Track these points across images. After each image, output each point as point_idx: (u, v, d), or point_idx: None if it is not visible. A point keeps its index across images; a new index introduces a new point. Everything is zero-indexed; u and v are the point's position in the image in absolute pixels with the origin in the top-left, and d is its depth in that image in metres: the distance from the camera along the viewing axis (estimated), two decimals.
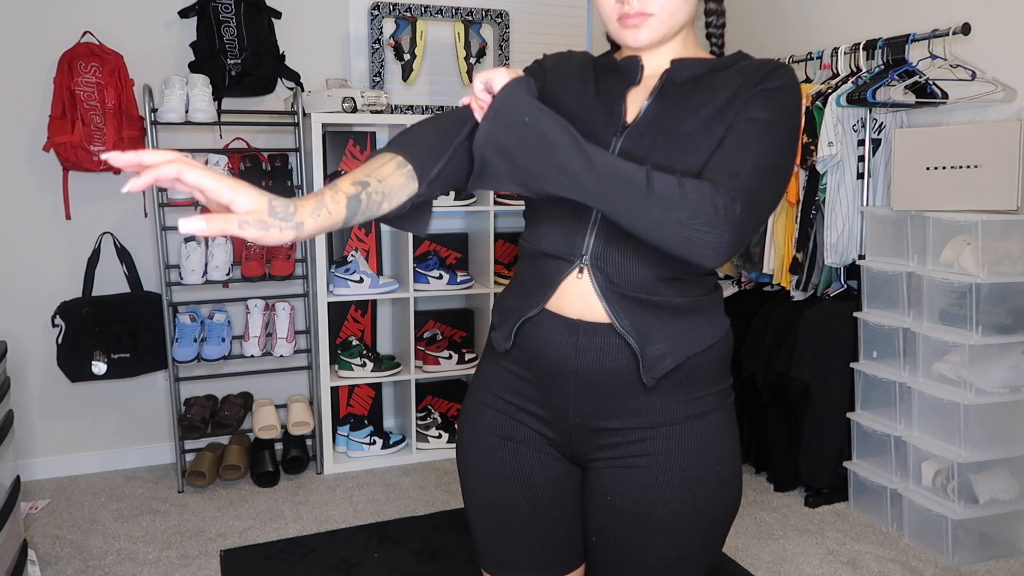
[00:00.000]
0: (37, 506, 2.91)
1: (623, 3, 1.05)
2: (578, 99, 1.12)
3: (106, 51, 2.93)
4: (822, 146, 2.78)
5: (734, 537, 2.68)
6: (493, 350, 1.18)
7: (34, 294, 3.08)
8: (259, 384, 3.40)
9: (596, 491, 1.12)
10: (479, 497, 1.19)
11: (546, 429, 1.14)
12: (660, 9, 1.05)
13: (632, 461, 1.09)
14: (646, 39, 1.07)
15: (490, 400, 1.18)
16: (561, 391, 1.10)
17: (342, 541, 2.65)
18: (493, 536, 1.19)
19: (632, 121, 1.09)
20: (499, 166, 0.98)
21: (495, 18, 3.55)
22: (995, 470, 2.52)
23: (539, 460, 1.15)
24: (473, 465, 1.19)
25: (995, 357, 2.47)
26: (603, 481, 1.11)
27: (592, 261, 1.05)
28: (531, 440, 1.15)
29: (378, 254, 3.47)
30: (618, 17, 1.07)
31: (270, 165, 3.13)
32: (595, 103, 1.11)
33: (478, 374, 1.22)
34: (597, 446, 1.11)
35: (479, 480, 1.18)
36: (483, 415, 1.18)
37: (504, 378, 1.16)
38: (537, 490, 1.15)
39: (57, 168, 3.03)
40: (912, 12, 2.92)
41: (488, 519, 1.19)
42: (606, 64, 1.16)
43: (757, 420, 3.13)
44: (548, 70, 1.17)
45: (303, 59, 3.30)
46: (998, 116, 2.61)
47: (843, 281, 2.98)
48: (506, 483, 1.16)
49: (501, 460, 1.16)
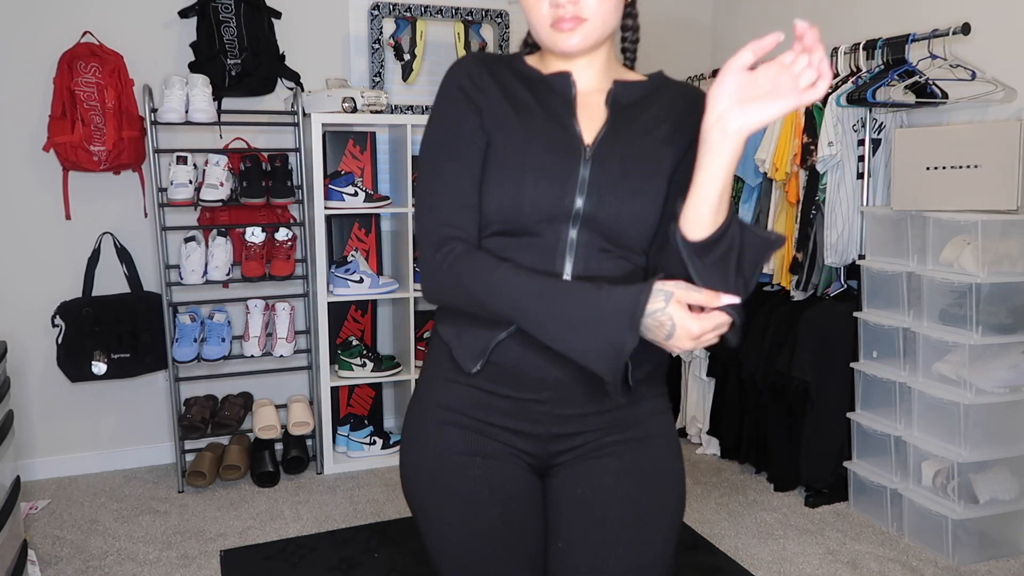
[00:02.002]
0: (37, 506, 2.91)
1: (557, 7, 1.06)
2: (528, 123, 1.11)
3: (106, 51, 2.93)
4: (822, 146, 2.78)
5: (734, 537, 2.68)
6: (449, 370, 1.14)
7: (34, 294, 3.08)
8: (259, 384, 3.40)
9: (566, 486, 1.14)
10: (447, 520, 1.14)
11: (517, 440, 1.13)
12: (592, 15, 1.07)
13: (603, 451, 1.13)
14: (579, 44, 1.09)
15: (452, 418, 1.14)
16: (538, 401, 1.11)
17: (342, 541, 2.65)
18: (463, 559, 1.15)
19: (592, 144, 1.10)
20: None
21: (495, 18, 3.55)
22: (995, 470, 2.52)
23: (511, 472, 1.14)
24: (438, 487, 1.14)
25: (995, 357, 2.47)
26: (574, 473, 1.13)
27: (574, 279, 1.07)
28: (500, 453, 1.13)
29: (378, 254, 3.47)
30: (552, 22, 1.08)
31: (270, 165, 3.12)
32: (547, 126, 1.11)
33: (427, 393, 1.17)
34: (567, 447, 1.14)
35: (446, 501, 1.14)
36: (445, 434, 1.14)
37: (469, 396, 1.13)
38: (510, 503, 1.14)
39: (57, 168, 3.03)
40: (912, 12, 2.92)
41: (456, 541, 1.15)
42: (534, 78, 1.15)
43: (757, 420, 3.13)
44: (478, 94, 1.12)
45: (303, 59, 3.30)
46: (998, 116, 2.61)
47: (843, 281, 2.98)
48: (478, 501, 1.12)
49: (473, 477, 1.12)
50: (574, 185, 1.07)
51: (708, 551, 2.59)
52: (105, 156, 2.91)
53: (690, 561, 2.52)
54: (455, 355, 1.13)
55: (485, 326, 1.10)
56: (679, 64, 3.82)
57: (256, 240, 3.07)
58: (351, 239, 3.42)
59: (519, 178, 1.07)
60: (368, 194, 3.17)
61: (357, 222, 3.42)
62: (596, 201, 1.07)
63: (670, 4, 3.94)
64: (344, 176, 3.14)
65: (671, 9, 3.94)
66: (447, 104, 1.12)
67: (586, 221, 1.08)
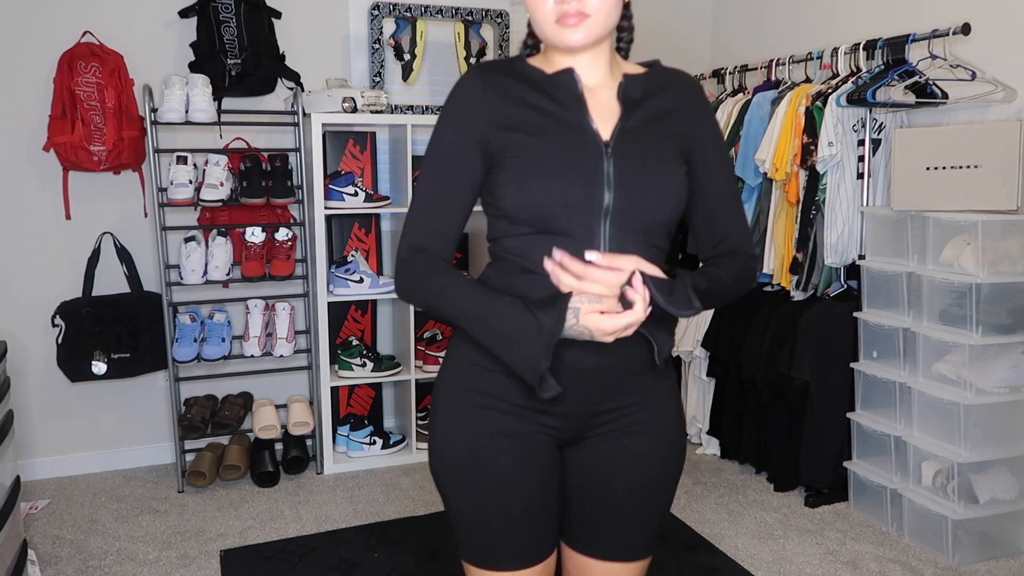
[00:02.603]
0: (37, 506, 2.91)
1: (562, 3, 1.11)
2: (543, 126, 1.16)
3: (106, 51, 2.93)
4: (822, 146, 2.78)
5: (734, 537, 2.68)
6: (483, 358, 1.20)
7: (34, 294, 3.08)
8: (259, 384, 3.40)
9: (590, 461, 1.25)
10: (483, 495, 1.21)
11: (551, 419, 1.22)
12: (595, 11, 1.12)
13: (630, 428, 1.25)
14: (583, 39, 1.13)
15: (489, 403, 1.21)
16: (575, 386, 1.19)
17: (342, 541, 2.65)
18: (496, 532, 1.23)
19: (610, 139, 1.16)
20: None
21: (495, 18, 3.55)
22: (995, 470, 2.52)
23: (542, 449, 1.23)
24: (475, 466, 1.21)
25: (995, 357, 2.47)
26: (600, 450, 1.25)
27: None
28: (534, 433, 1.22)
29: (378, 254, 3.47)
30: (557, 18, 1.12)
31: (270, 165, 3.13)
32: (562, 126, 1.16)
33: (458, 380, 1.24)
34: (596, 424, 1.24)
35: (483, 478, 1.21)
36: (485, 418, 1.21)
37: (507, 383, 1.20)
38: (540, 476, 1.23)
39: (57, 168, 3.03)
40: (912, 12, 2.92)
41: (490, 515, 1.22)
42: (539, 78, 1.19)
43: (757, 420, 3.13)
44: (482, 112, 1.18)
45: (303, 59, 3.30)
46: (998, 116, 2.61)
47: (843, 281, 2.98)
48: (512, 477, 1.21)
49: (509, 456, 1.20)
50: (601, 181, 1.13)
51: (708, 551, 2.59)
52: (105, 156, 2.91)
53: (690, 561, 2.52)
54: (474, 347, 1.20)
55: None
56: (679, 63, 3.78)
57: (256, 240, 3.07)
58: (351, 239, 3.42)
59: (547, 180, 1.13)
60: (368, 194, 3.17)
61: (357, 222, 3.42)
62: (623, 195, 1.14)
63: (670, 3, 3.94)
64: (344, 176, 3.14)
65: (671, 8, 3.95)
66: (446, 125, 1.19)
67: (616, 215, 1.14)
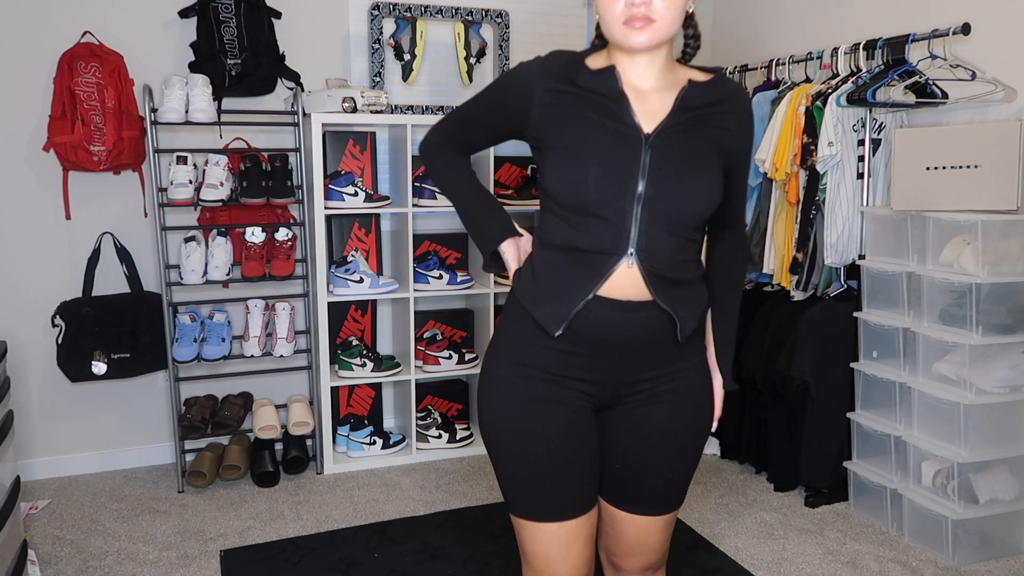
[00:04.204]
0: (37, 506, 2.91)
1: (632, 6, 1.22)
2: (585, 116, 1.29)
3: (106, 51, 2.93)
4: (822, 146, 2.78)
5: (734, 537, 2.68)
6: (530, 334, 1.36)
7: (34, 294, 3.08)
8: (259, 384, 3.40)
9: (624, 424, 1.41)
10: (532, 456, 1.36)
11: (590, 387, 1.37)
12: (660, 17, 1.23)
13: (659, 397, 1.39)
14: (646, 42, 1.25)
15: (535, 373, 1.36)
16: (609, 357, 1.35)
17: (342, 541, 2.65)
18: (542, 487, 1.37)
19: (652, 133, 1.27)
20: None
21: (495, 18, 3.55)
22: (995, 470, 2.52)
23: (582, 414, 1.38)
24: (523, 428, 1.36)
25: (995, 357, 2.47)
26: (632, 415, 1.40)
27: (638, 254, 1.28)
28: (575, 399, 1.37)
29: (378, 254, 3.47)
30: (625, 19, 1.23)
31: (270, 165, 3.12)
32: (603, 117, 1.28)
33: (507, 354, 1.40)
34: (629, 392, 1.39)
35: (532, 442, 1.36)
36: (533, 386, 1.36)
37: (550, 356, 1.35)
38: (582, 437, 1.38)
39: (57, 168, 3.03)
40: (912, 12, 2.92)
41: (538, 472, 1.36)
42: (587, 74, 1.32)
43: (757, 420, 3.13)
44: (544, 82, 1.32)
45: (303, 59, 3.30)
46: (998, 116, 2.61)
47: (843, 281, 2.98)
48: (560, 440, 1.36)
49: (555, 420, 1.35)
50: (637, 170, 1.26)
51: (708, 551, 2.59)
52: (105, 156, 2.91)
53: (690, 561, 2.52)
54: (539, 320, 1.34)
55: (564, 296, 1.31)
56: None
57: (256, 240, 3.07)
58: (351, 239, 3.42)
59: (582, 165, 1.26)
60: (368, 194, 3.17)
61: (357, 222, 3.42)
62: (656, 185, 1.26)
63: None
64: (344, 176, 3.14)
65: None
66: (499, 82, 1.40)
67: (647, 202, 1.26)
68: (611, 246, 1.28)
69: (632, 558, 1.49)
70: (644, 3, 1.21)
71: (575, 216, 1.29)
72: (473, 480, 3.15)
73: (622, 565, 1.51)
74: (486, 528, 2.73)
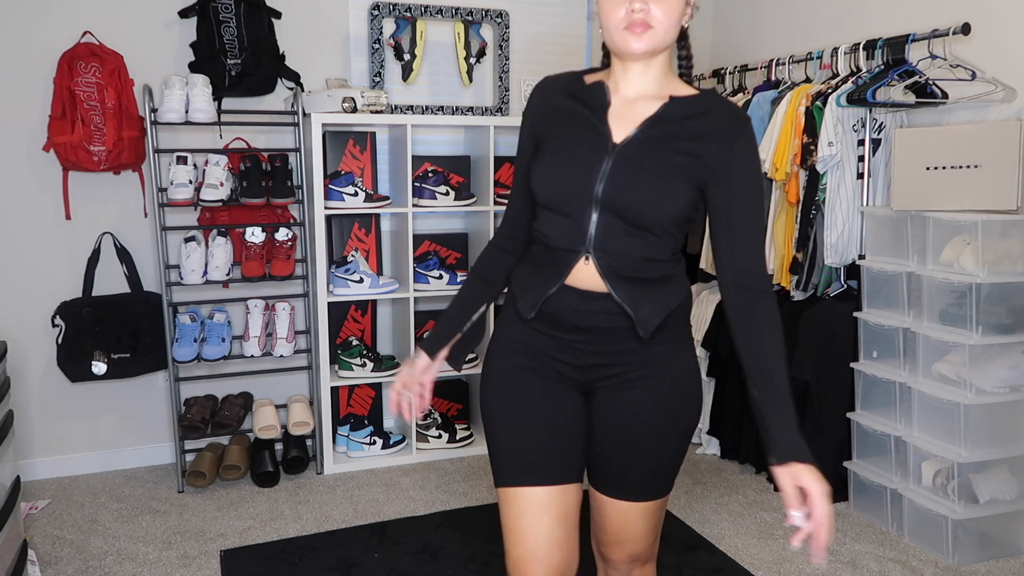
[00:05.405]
0: (37, 506, 2.91)
1: (632, 12, 1.30)
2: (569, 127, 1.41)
3: (106, 51, 2.93)
4: (822, 146, 2.78)
5: (734, 537, 2.69)
6: (516, 316, 1.49)
7: (34, 294, 3.08)
8: (259, 384, 3.40)
9: (602, 408, 1.46)
10: (509, 418, 1.47)
11: (564, 367, 1.46)
12: (658, 24, 1.31)
13: (632, 383, 1.44)
14: (643, 47, 1.33)
15: (519, 348, 1.48)
16: (577, 341, 1.43)
17: (342, 541, 2.65)
18: (518, 449, 1.45)
19: (620, 143, 1.36)
20: None
21: (495, 18, 3.55)
22: (995, 470, 2.52)
23: (560, 388, 1.47)
24: (504, 392, 1.48)
25: (995, 357, 2.47)
26: (608, 399, 1.46)
27: (594, 252, 1.37)
28: (553, 375, 1.47)
29: (378, 254, 3.47)
30: (626, 25, 1.31)
31: (270, 165, 3.12)
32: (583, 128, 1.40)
33: (502, 331, 1.53)
34: (602, 376, 1.45)
35: (510, 404, 1.47)
36: (514, 356, 1.49)
37: (530, 334, 1.47)
38: (558, 406, 1.46)
39: (57, 168, 3.03)
40: (912, 12, 2.92)
41: (515, 434, 1.46)
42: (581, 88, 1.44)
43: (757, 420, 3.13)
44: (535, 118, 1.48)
45: (303, 59, 3.30)
46: (998, 116, 2.61)
47: (843, 281, 2.98)
48: (535, 403, 1.46)
49: (530, 387, 1.46)
50: (597, 175, 1.35)
51: (708, 551, 2.59)
52: (105, 156, 2.91)
53: (690, 561, 2.52)
54: (518, 305, 1.47)
55: (538, 284, 1.43)
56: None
57: (256, 240, 3.07)
58: (351, 239, 3.42)
59: (556, 168, 1.39)
60: (368, 194, 3.17)
61: (357, 222, 3.42)
62: (612, 187, 1.34)
63: None
64: (344, 176, 3.14)
65: None
66: (522, 129, 1.52)
67: (604, 203, 1.35)
68: (572, 243, 1.38)
69: (617, 547, 1.53)
70: (643, 9, 1.29)
71: (550, 214, 1.41)
72: (473, 480, 3.15)
73: (609, 555, 1.56)
74: (486, 528, 2.73)
